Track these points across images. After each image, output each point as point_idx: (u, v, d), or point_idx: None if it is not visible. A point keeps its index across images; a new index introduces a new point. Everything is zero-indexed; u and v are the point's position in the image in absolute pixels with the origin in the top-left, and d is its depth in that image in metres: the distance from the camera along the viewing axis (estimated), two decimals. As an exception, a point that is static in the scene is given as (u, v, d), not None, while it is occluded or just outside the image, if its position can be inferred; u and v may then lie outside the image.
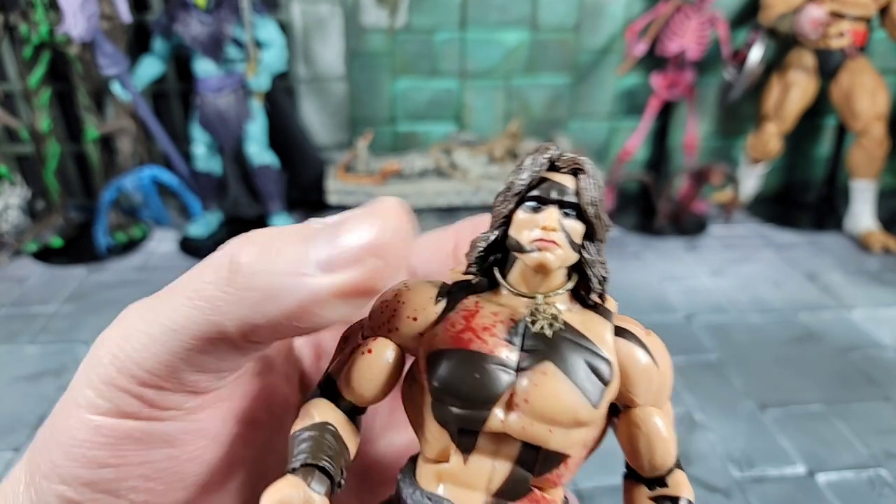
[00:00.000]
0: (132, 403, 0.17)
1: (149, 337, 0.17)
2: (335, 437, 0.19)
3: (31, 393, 1.10)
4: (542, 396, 0.18)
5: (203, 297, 0.17)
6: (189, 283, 0.17)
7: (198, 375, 0.18)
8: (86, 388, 0.18)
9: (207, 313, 0.17)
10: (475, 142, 1.78)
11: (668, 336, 1.11)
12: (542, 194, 0.19)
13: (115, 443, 0.18)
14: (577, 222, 0.19)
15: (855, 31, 1.61)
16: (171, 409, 0.18)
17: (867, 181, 1.68)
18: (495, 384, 0.18)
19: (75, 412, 0.18)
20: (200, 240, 1.66)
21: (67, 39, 1.45)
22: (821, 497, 0.90)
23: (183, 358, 0.17)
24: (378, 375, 0.20)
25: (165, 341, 0.17)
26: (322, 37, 1.73)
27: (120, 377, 0.17)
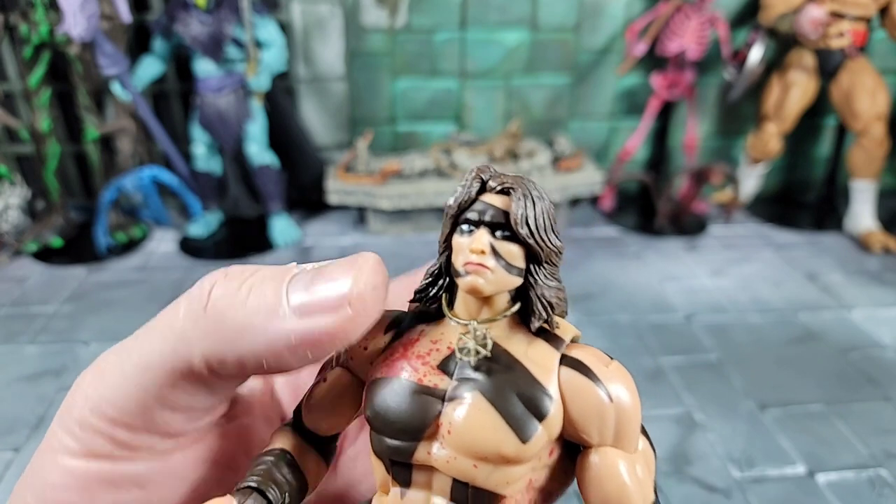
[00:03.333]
0: (104, 445, 0.17)
1: (121, 376, 0.17)
2: (289, 465, 0.19)
3: (31, 393, 1.10)
4: (466, 429, 0.17)
5: (174, 330, 0.17)
6: (163, 319, 0.17)
7: (170, 415, 0.18)
8: (60, 432, 0.18)
9: (177, 346, 0.17)
10: (475, 142, 1.78)
11: (668, 336, 1.10)
12: (472, 216, 0.18)
13: (86, 485, 0.17)
14: (513, 244, 0.18)
15: (855, 31, 1.61)
16: (142, 449, 0.18)
17: (867, 181, 1.68)
18: (422, 414, 0.17)
19: (49, 456, 0.18)
20: (200, 240, 1.66)
21: (67, 39, 1.45)
22: (821, 497, 0.90)
23: (154, 395, 0.17)
24: (330, 403, 0.19)
25: (137, 379, 0.17)
26: (322, 37, 1.73)
27: (93, 417, 0.17)
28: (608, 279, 1.49)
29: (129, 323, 0.20)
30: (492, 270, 0.18)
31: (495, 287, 0.18)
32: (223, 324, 0.17)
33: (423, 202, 1.66)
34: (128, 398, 0.17)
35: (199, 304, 0.17)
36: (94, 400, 0.17)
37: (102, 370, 0.18)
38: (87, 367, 0.18)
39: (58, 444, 0.18)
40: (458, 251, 0.18)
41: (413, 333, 0.19)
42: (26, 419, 1.03)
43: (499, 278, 0.18)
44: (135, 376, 0.17)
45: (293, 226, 1.69)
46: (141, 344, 0.17)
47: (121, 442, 0.17)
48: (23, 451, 0.97)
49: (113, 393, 0.17)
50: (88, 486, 0.17)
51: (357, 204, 1.69)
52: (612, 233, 1.76)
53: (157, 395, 0.17)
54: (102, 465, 0.18)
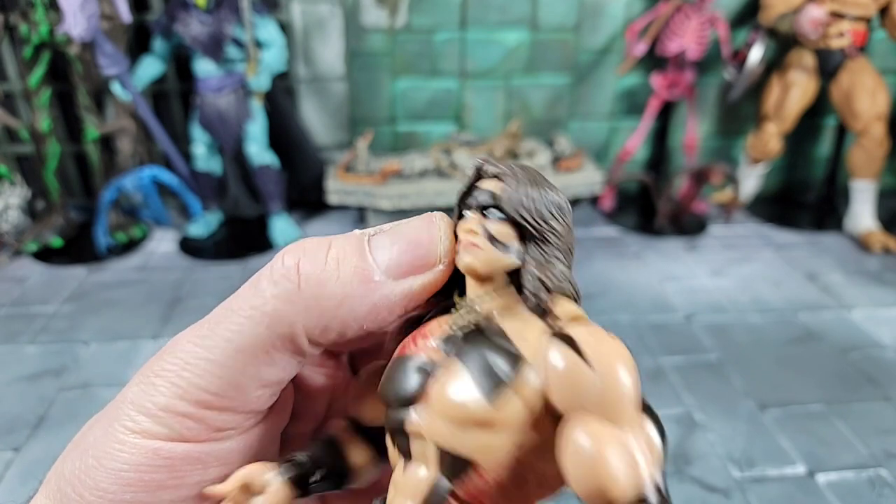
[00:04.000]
0: (193, 427, 0.18)
1: (211, 362, 0.18)
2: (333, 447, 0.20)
3: (31, 393, 1.10)
4: (441, 392, 0.17)
5: (267, 311, 0.18)
6: (246, 301, 0.18)
7: (261, 391, 0.18)
8: (139, 416, 0.18)
9: (273, 326, 0.18)
10: (475, 142, 1.78)
11: (668, 336, 1.10)
12: (469, 202, 0.19)
13: (176, 464, 0.18)
14: (503, 224, 0.18)
15: (855, 31, 1.61)
16: (230, 429, 0.19)
17: (867, 181, 1.68)
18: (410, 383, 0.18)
19: (128, 437, 0.18)
20: (200, 240, 1.66)
21: (67, 39, 1.45)
22: (821, 497, 0.90)
23: (249, 375, 0.18)
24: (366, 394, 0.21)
25: (230, 363, 0.18)
26: (322, 37, 1.73)
27: (182, 404, 0.18)
28: (608, 279, 1.49)
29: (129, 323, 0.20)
30: (482, 248, 0.18)
31: (487, 265, 0.18)
32: (322, 298, 0.17)
33: (423, 202, 1.66)
34: (222, 382, 0.18)
35: (291, 283, 0.18)
36: (182, 388, 0.18)
37: (185, 359, 0.18)
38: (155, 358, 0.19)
39: (137, 427, 0.18)
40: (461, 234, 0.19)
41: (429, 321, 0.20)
42: (26, 419, 1.03)
43: (489, 256, 0.18)
44: (227, 361, 0.18)
45: (293, 226, 1.69)
46: (226, 328, 0.18)
47: (211, 425, 0.18)
48: (23, 451, 0.97)
49: (205, 380, 0.18)
50: (179, 465, 0.18)
51: (357, 204, 1.69)
52: (612, 233, 1.76)
53: (252, 375, 0.18)
54: (190, 447, 0.18)
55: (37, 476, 0.92)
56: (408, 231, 0.19)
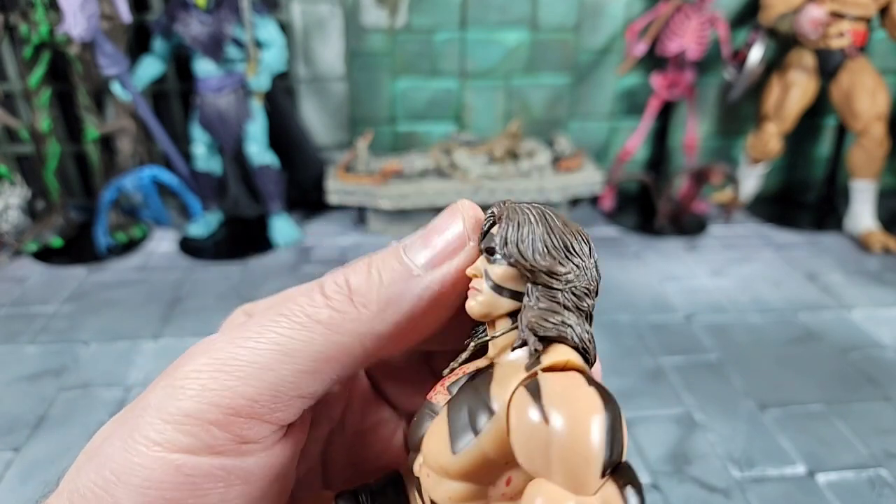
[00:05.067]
0: (220, 437, 0.17)
1: (253, 364, 0.18)
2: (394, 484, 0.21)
3: (31, 393, 1.10)
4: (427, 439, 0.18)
5: (321, 319, 0.18)
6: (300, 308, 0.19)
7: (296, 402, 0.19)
8: (163, 424, 0.17)
9: (329, 335, 0.18)
10: (475, 142, 1.78)
11: (668, 336, 1.10)
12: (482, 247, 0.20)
13: (198, 482, 0.17)
14: (500, 266, 0.18)
15: (855, 31, 1.61)
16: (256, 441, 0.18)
17: (867, 181, 1.68)
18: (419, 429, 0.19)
19: (150, 451, 0.17)
20: (200, 240, 1.66)
21: (67, 39, 1.45)
22: (821, 497, 0.90)
23: (290, 383, 0.18)
24: None
25: (275, 366, 0.18)
26: (322, 37, 1.73)
27: (212, 411, 0.17)
28: (608, 279, 1.49)
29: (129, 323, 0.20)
30: (480, 291, 0.18)
31: (484, 308, 0.18)
32: (372, 304, 0.19)
33: (424, 202, 1.66)
34: (261, 386, 0.18)
35: (343, 296, 0.19)
36: (215, 391, 0.17)
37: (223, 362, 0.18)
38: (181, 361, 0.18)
39: (160, 437, 0.17)
40: None
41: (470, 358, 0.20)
42: (26, 419, 1.03)
43: (487, 299, 0.18)
44: (272, 364, 0.18)
45: (293, 226, 1.69)
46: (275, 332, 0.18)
47: (238, 434, 0.18)
48: (23, 451, 0.97)
49: (243, 383, 0.17)
50: (197, 482, 0.17)
51: (357, 204, 1.69)
52: (612, 233, 1.76)
53: (292, 383, 0.18)
54: (214, 461, 0.17)
55: (37, 476, 0.92)
56: (435, 224, 0.20)
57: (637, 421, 1.04)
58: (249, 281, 1.47)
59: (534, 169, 1.71)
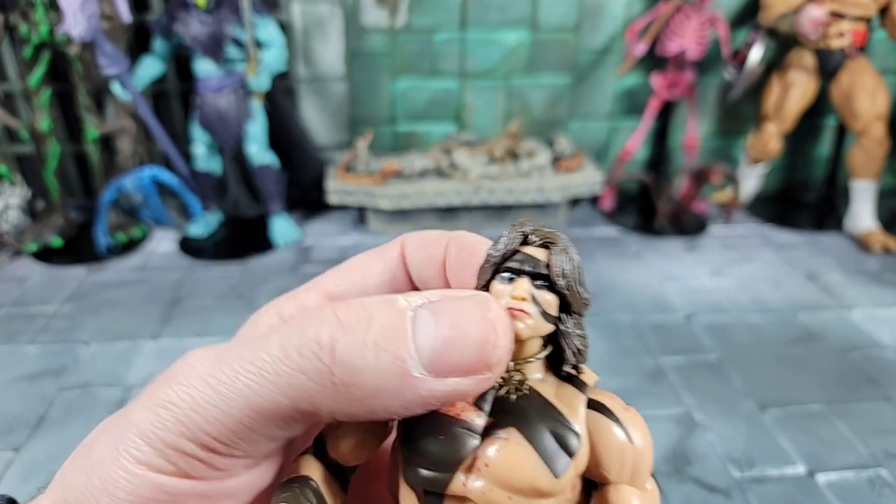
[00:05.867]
0: (199, 467, 0.18)
1: (223, 413, 0.17)
2: (314, 493, 0.20)
3: (31, 393, 1.10)
4: (503, 462, 0.18)
5: (293, 385, 0.17)
6: (272, 362, 0.17)
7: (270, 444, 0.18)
8: (145, 447, 0.17)
9: (298, 400, 0.17)
10: (475, 142, 1.78)
11: (668, 336, 1.10)
12: (514, 266, 0.20)
13: (182, 500, 0.18)
14: (550, 293, 0.19)
15: (855, 31, 1.61)
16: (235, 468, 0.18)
17: (867, 181, 1.68)
18: (459, 447, 0.18)
19: (134, 468, 0.17)
20: (200, 240, 1.66)
21: (67, 39, 1.45)
22: (821, 497, 0.90)
23: (259, 432, 0.18)
24: (356, 436, 0.20)
25: (242, 418, 0.17)
26: (322, 37, 1.73)
27: (189, 445, 0.17)
28: (608, 279, 1.49)
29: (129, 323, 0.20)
30: (531, 316, 0.19)
31: (532, 332, 0.19)
32: (354, 387, 0.16)
33: (423, 202, 1.66)
34: (230, 433, 0.17)
35: (322, 363, 0.16)
36: (192, 430, 0.17)
37: (196, 401, 0.17)
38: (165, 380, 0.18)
39: (144, 458, 0.17)
40: (497, 297, 0.19)
41: None
42: (26, 419, 1.03)
43: (536, 324, 0.19)
44: (240, 417, 0.17)
45: (293, 226, 1.69)
46: (245, 384, 0.17)
47: (216, 466, 0.18)
48: (23, 451, 0.97)
49: (213, 428, 0.17)
50: (181, 500, 0.18)
51: (357, 204, 1.69)
52: (612, 233, 1.76)
53: (263, 433, 0.18)
54: (195, 484, 0.18)
55: (37, 476, 0.92)
56: (458, 318, 0.17)
57: (637, 421, 1.04)
58: (249, 281, 1.47)
59: (534, 169, 1.71)
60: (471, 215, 1.73)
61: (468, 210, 1.72)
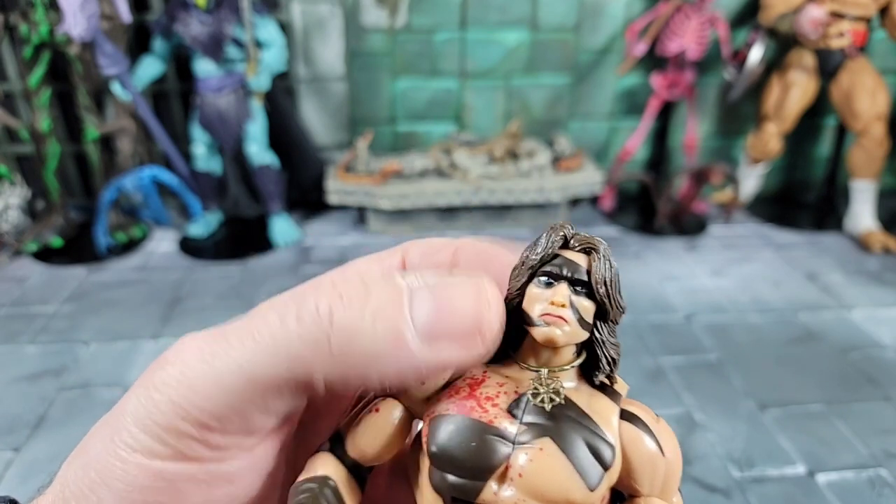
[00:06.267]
0: (196, 448, 0.17)
1: (218, 386, 0.17)
2: (334, 492, 0.19)
3: (31, 393, 1.10)
4: (537, 473, 0.17)
5: (289, 351, 0.17)
6: (269, 332, 0.17)
7: (265, 418, 0.18)
8: (140, 433, 0.17)
9: (293, 366, 0.17)
10: (475, 142, 1.78)
11: (668, 336, 1.10)
12: (553, 270, 0.19)
13: (179, 486, 0.18)
14: (588, 301, 0.19)
15: (855, 31, 1.61)
16: (232, 448, 0.18)
17: (867, 181, 1.68)
18: (492, 455, 0.18)
19: (130, 457, 0.17)
20: (200, 240, 1.66)
21: (67, 39, 1.45)
22: (821, 497, 0.90)
23: (255, 404, 0.17)
24: (381, 435, 0.20)
25: (238, 389, 0.17)
26: (322, 37, 1.73)
27: (184, 425, 0.17)
28: (608, 279, 1.49)
29: (129, 323, 0.20)
30: (569, 323, 0.19)
31: (569, 339, 0.19)
32: (350, 354, 0.17)
33: (423, 202, 1.66)
34: (225, 407, 0.17)
35: (319, 330, 0.17)
36: (185, 408, 0.17)
37: (189, 375, 0.17)
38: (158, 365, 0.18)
39: (139, 445, 0.17)
40: (533, 301, 0.19)
41: (475, 372, 0.20)
42: (26, 419, 1.03)
43: (573, 331, 0.19)
44: (235, 388, 0.17)
45: (293, 226, 1.69)
46: (241, 354, 0.17)
47: (213, 445, 0.18)
48: (23, 451, 0.97)
49: (210, 403, 0.17)
50: (179, 486, 0.18)
51: (357, 204, 1.69)
52: (612, 233, 1.76)
53: (258, 405, 0.17)
54: (192, 467, 0.18)
55: (37, 476, 0.92)
56: (454, 293, 0.17)
57: (637, 421, 1.04)
58: (249, 281, 1.47)
59: (534, 169, 1.71)
60: (471, 215, 1.73)
61: (468, 210, 1.72)
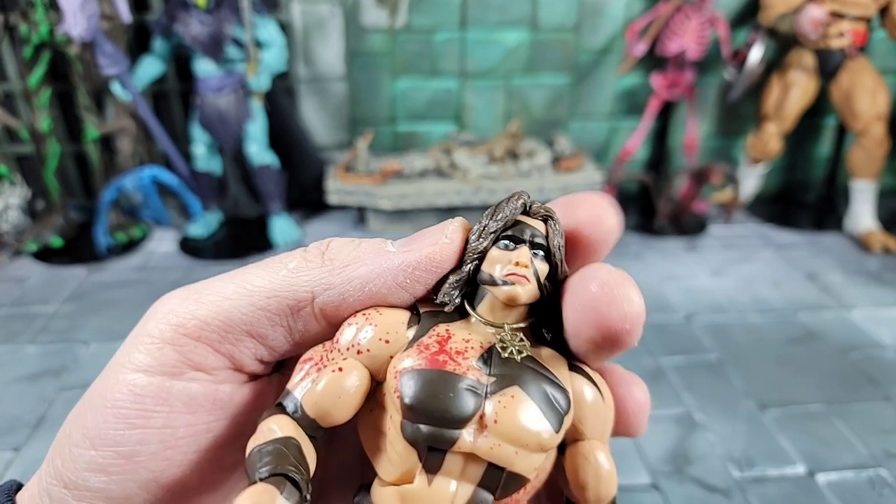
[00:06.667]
0: (171, 356, 0.19)
1: (218, 295, 0.20)
2: (299, 451, 0.19)
3: (31, 393, 1.10)
4: (511, 419, 0.18)
5: (287, 267, 0.20)
6: (275, 261, 0.20)
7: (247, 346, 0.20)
8: (131, 348, 0.19)
9: (288, 277, 0.20)
10: (475, 142, 1.78)
11: (668, 336, 1.10)
12: (516, 234, 0.21)
13: (146, 402, 0.19)
14: (544, 263, 0.21)
15: (855, 31, 1.61)
16: (204, 370, 0.20)
17: (867, 181, 1.68)
18: (467, 404, 0.18)
19: (114, 374, 0.19)
20: (200, 240, 1.66)
21: (67, 39, 1.45)
22: (821, 497, 0.90)
23: (247, 320, 0.19)
24: (346, 394, 0.20)
25: (236, 301, 0.19)
26: (322, 37, 1.73)
27: (167, 329, 0.19)
28: (608, 279, 1.49)
29: (129, 323, 0.20)
30: (530, 282, 0.20)
31: (529, 297, 0.20)
32: (337, 261, 0.20)
33: (423, 202, 1.66)
34: (220, 317, 0.19)
35: (318, 250, 0.20)
36: (181, 315, 0.19)
37: (198, 291, 0.20)
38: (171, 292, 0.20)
39: (126, 359, 0.19)
40: (495, 262, 0.21)
41: (439, 330, 0.21)
42: (26, 419, 1.03)
43: (532, 290, 0.20)
44: (234, 297, 0.19)
45: (293, 226, 1.69)
46: (246, 276, 0.20)
47: (188, 357, 0.19)
48: (23, 451, 0.97)
49: (206, 311, 0.19)
50: (145, 402, 0.19)
51: (357, 204, 1.69)
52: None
53: (249, 321, 0.20)
54: (162, 382, 0.19)
55: (37, 476, 0.92)
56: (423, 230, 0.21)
57: (637, 421, 1.04)
58: (249, 281, 1.47)
59: (534, 169, 1.71)
60: (471, 215, 1.73)
61: (468, 210, 1.72)
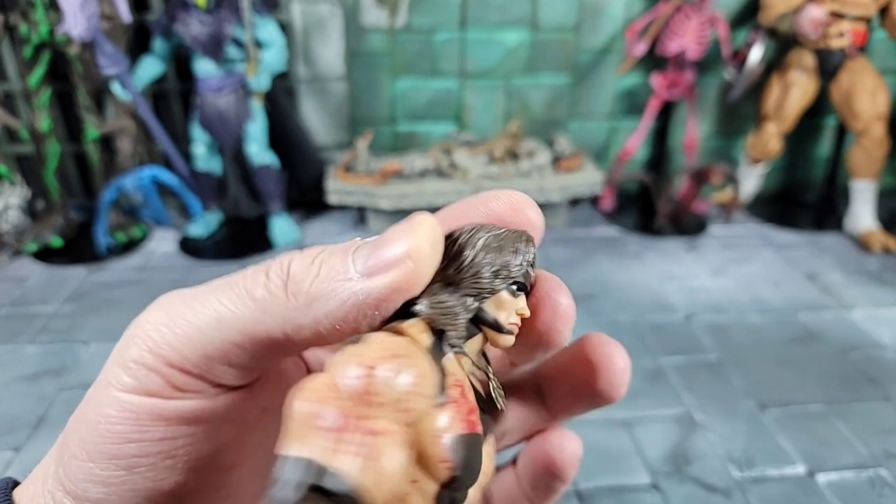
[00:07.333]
0: (158, 384, 0.19)
1: (192, 325, 0.19)
2: None
3: (31, 393, 1.10)
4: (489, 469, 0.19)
5: (254, 297, 0.19)
6: (241, 283, 0.19)
7: (227, 370, 0.20)
8: (117, 368, 0.19)
9: (256, 314, 0.19)
10: (475, 142, 1.78)
11: (668, 336, 1.10)
12: (525, 282, 0.20)
13: (138, 418, 0.19)
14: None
15: (855, 31, 1.61)
16: (192, 391, 0.20)
17: (867, 181, 1.68)
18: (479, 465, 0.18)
19: (104, 390, 0.19)
20: (200, 240, 1.66)
21: (67, 39, 1.45)
22: (821, 497, 0.90)
23: (220, 351, 0.19)
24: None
25: (209, 334, 0.19)
26: (322, 37, 1.73)
27: (152, 358, 0.19)
28: (608, 279, 1.49)
29: (129, 323, 0.20)
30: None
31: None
32: (300, 295, 0.19)
33: (423, 202, 1.66)
34: (193, 349, 0.19)
35: (280, 280, 0.19)
36: (158, 343, 0.19)
37: (171, 317, 0.19)
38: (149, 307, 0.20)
39: (114, 379, 0.19)
40: (502, 307, 0.19)
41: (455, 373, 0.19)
42: (26, 419, 1.03)
43: None
44: (207, 331, 0.19)
45: (293, 226, 1.69)
46: (218, 301, 0.19)
47: (174, 384, 0.19)
48: (23, 451, 0.97)
49: (180, 342, 0.19)
50: (140, 418, 0.19)
51: (357, 204, 1.69)
52: (612, 233, 1.76)
53: (222, 352, 0.19)
54: (155, 402, 0.19)
55: (37, 476, 0.92)
56: (387, 235, 0.19)
57: (637, 421, 1.04)
58: (249, 281, 1.47)
59: (534, 169, 1.71)
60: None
61: (468, 210, 1.72)
